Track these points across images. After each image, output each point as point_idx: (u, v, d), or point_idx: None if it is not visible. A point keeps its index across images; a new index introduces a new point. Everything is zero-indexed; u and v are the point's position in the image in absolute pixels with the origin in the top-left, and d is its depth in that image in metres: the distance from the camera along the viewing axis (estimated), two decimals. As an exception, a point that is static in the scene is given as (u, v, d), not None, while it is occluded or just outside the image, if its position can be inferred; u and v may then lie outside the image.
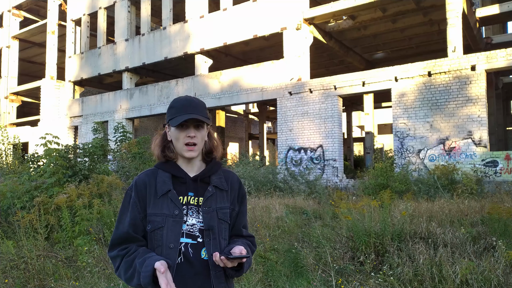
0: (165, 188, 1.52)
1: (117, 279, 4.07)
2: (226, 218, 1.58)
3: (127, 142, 11.19)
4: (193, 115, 1.51)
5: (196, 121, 1.53)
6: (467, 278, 3.55)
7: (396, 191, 8.51)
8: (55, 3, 23.19)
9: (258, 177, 11.40)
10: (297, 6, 14.09)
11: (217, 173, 1.63)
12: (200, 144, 1.57)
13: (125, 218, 1.54)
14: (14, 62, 25.48)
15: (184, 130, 1.53)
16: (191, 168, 1.60)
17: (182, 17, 18.26)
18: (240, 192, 1.67)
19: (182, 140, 1.53)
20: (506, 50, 10.41)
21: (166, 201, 1.51)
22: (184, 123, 1.52)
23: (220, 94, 15.83)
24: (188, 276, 1.46)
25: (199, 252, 1.49)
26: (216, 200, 1.57)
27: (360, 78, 12.51)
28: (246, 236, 1.67)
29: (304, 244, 5.28)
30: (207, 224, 1.51)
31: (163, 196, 1.52)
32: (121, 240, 1.53)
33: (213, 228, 1.52)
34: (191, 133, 1.53)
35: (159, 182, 1.54)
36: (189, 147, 1.54)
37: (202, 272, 1.48)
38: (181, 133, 1.53)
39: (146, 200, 1.53)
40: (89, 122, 20.28)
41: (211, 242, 1.50)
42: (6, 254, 4.70)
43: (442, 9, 12.43)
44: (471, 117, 10.63)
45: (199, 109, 1.55)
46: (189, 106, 1.54)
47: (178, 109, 1.53)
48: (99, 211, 5.78)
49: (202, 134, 1.56)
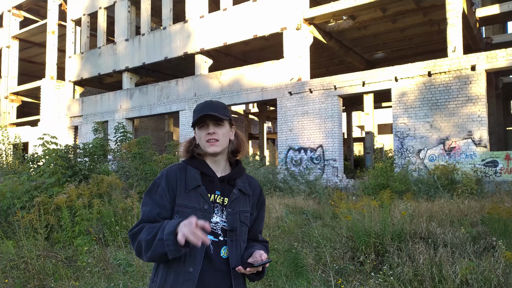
0: (195, 183, 1.58)
1: (117, 279, 4.07)
2: (247, 222, 1.64)
3: (127, 142, 11.18)
4: (209, 112, 1.59)
5: (214, 118, 1.61)
6: (467, 278, 3.55)
7: (396, 191, 8.50)
8: (55, 3, 23.19)
9: (258, 177, 11.40)
10: (297, 6, 14.09)
11: (241, 177, 1.70)
12: (222, 140, 1.62)
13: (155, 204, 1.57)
14: (14, 62, 25.48)
15: (204, 129, 1.62)
16: (217, 167, 1.67)
17: (182, 17, 18.26)
18: (260, 198, 1.74)
19: (204, 138, 1.62)
20: (506, 50, 10.41)
21: (196, 195, 1.56)
22: (204, 123, 1.61)
23: (220, 94, 15.83)
24: (207, 272, 1.51)
25: (219, 250, 1.55)
26: (240, 203, 1.63)
27: (360, 78, 12.51)
28: (261, 241, 1.73)
29: (304, 244, 5.28)
30: (230, 225, 1.57)
31: (192, 190, 1.57)
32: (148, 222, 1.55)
33: (236, 229, 1.58)
34: (210, 130, 1.61)
35: (189, 177, 1.60)
36: (211, 142, 1.60)
37: (221, 270, 1.54)
38: (202, 132, 1.62)
39: (176, 191, 1.57)
40: (89, 122, 20.27)
41: (233, 243, 1.57)
42: (6, 254, 4.70)
43: (442, 9, 12.43)
44: (471, 117, 10.63)
45: (216, 108, 1.62)
46: (206, 107, 1.62)
47: (198, 111, 1.62)
48: (99, 211, 5.79)
49: (223, 131, 1.63)
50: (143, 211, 1.57)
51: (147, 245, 1.45)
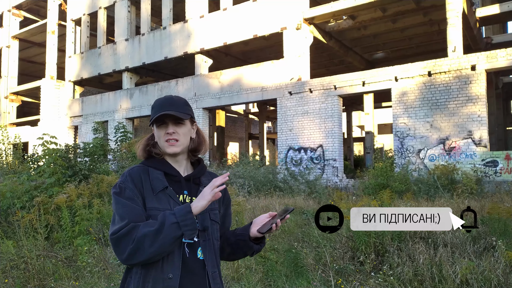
0: (161, 184, 1.50)
1: (117, 279, 4.07)
2: (217, 219, 1.59)
3: (127, 142, 11.18)
4: (167, 111, 1.50)
5: (174, 118, 1.53)
6: (467, 278, 3.55)
7: (396, 191, 8.50)
8: (55, 3, 23.18)
9: (258, 177, 11.40)
10: (297, 6, 14.08)
11: (205, 175, 1.65)
12: (183, 139, 1.55)
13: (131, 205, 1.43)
14: (14, 62, 25.47)
15: (164, 127, 1.54)
16: (178, 167, 1.59)
17: (182, 17, 18.25)
18: (226, 195, 1.70)
19: (162, 138, 1.54)
20: (506, 50, 10.41)
21: (165, 197, 1.49)
22: (163, 121, 1.53)
23: (220, 94, 15.83)
24: (185, 276, 1.46)
25: (195, 251, 1.49)
26: None
27: (360, 78, 12.50)
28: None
29: (304, 244, 5.28)
30: (201, 224, 1.51)
31: (160, 193, 1.49)
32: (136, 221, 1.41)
33: (207, 228, 1.53)
34: (169, 129, 1.53)
35: (153, 179, 1.51)
36: (170, 142, 1.53)
37: (198, 272, 1.48)
38: (161, 131, 1.54)
39: (144, 194, 1.48)
40: (89, 122, 20.26)
41: (206, 243, 1.51)
42: (6, 254, 4.69)
43: (442, 9, 12.42)
44: (471, 117, 10.63)
45: (177, 106, 1.54)
46: (166, 104, 1.54)
47: (157, 108, 1.54)
48: (99, 211, 5.78)
49: (183, 130, 1.55)
50: (123, 212, 1.41)
51: (154, 236, 1.33)
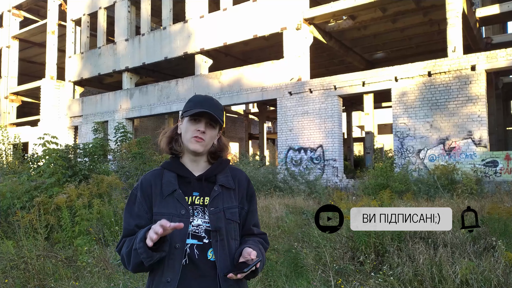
0: (170, 188, 1.51)
1: (117, 279, 4.07)
2: (235, 218, 1.55)
3: (127, 142, 11.18)
4: (208, 110, 1.51)
5: (209, 118, 1.53)
6: (467, 278, 3.55)
7: (396, 191, 8.50)
8: (55, 3, 23.19)
9: (258, 177, 11.40)
10: (297, 6, 14.09)
11: (223, 172, 1.60)
12: (207, 141, 1.55)
13: (132, 217, 1.53)
14: (14, 62, 25.48)
15: (195, 123, 1.53)
16: (196, 167, 1.58)
17: (182, 17, 18.26)
18: (249, 190, 1.65)
19: (191, 132, 1.53)
20: (506, 50, 10.41)
21: (172, 201, 1.49)
22: (197, 117, 1.53)
23: (220, 94, 15.83)
24: (193, 278, 1.44)
25: (205, 253, 1.46)
26: (223, 200, 1.54)
27: (360, 78, 12.50)
28: (257, 234, 1.64)
29: (304, 244, 5.28)
30: (213, 225, 1.48)
31: (169, 196, 1.50)
32: (128, 236, 1.52)
33: (220, 229, 1.49)
34: (201, 127, 1.52)
35: (165, 182, 1.53)
36: (197, 138, 1.52)
37: (209, 274, 1.45)
38: (192, 126, 1.53)
39: (152, 200, 1.51)
40: (89, 122, 20.27)
41: (219, 243, 1.47)
42: (6, 254, 4.70)
43: (442, 9, 12.43)
44: (471, 117, 10.63)
45: (215, 109, 1.55)
46: (207, 103, 1.54)
47: (196, 103, 1.54)
48: (99, 211, 5.78)
49: (211, 134, 1.55)
50: (123, 226, 1.54)
51: (127, 258, 1.43)
